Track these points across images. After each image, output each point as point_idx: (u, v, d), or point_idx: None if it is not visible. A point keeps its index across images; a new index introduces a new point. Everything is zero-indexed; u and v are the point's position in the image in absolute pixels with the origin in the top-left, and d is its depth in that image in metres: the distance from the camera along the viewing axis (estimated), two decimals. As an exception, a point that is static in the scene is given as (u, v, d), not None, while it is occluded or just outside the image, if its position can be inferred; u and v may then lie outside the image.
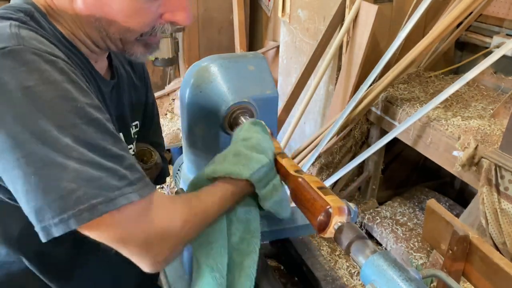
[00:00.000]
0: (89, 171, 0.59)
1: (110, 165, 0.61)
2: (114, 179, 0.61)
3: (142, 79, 1.01)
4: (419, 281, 0.54)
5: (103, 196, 0.59)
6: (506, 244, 1.80)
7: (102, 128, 0.63)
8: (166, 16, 0.74)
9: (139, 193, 0.63)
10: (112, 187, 0.60)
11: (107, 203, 0.59)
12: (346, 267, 2.50)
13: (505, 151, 1.75)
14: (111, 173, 0.61)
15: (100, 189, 0.59)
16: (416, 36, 2.41)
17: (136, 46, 0.76)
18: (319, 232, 0.68)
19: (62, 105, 0.60)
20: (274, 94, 1.06)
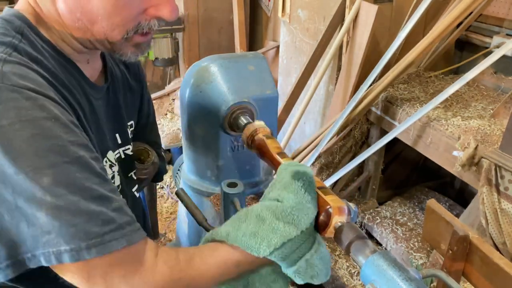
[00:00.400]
0: (62, 217, 0.56)
1: (92, 208, 0.58)
2: (96, 224, 0.57)
3: (137, 79, 1.00)
4: (419, 281, 0.54)
5: (73, 244, 0.56)
6: (506, 244, 1.80)
7: (86, 168, 0.59)
8: (150, 11, 0.70)
9: (127, 239, 0.59)
10: (90, 234, 0.57)
11: (74, 253, 0.56)
12: (346, 267, 2.50)
13: (505, 151, 1.75)
14: (93, 218, 0.58)
15: (70, 236, 0.56)
16: (416, 36, 2.41)
17: (125, 46, 0.73)
18: (319, 232, 0.68)
19: (40, 144, 0.56)
20: (274, 94, 1.06)
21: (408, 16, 2.40)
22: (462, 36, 2.68)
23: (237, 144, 1.07)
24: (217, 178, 1.10)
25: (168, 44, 3.70)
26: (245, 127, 0.93)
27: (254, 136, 0.90)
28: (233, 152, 1.08)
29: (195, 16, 3.84)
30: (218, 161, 1.08)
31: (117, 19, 0.68)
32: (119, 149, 0.91)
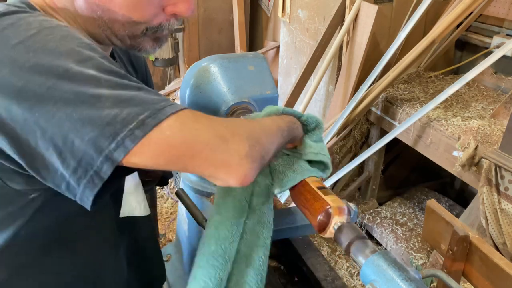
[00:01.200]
0: (124, 93, 0.58)
1: (140, 86, 0.61)
2: (151, 94, 0.60)
3: (144, 79, 1.00)
4: (419, 281, 0.54)
5: (149, 110, 0.57)
6: (506, 244, 1.80)
7: (113, 64, 0.63)
8: (169, 9, 0.73)
9: (178, 106, 0.61)
10: (154, 100, 0.59)
11: (155, 115, 0.57)
12: (346, 267, 2.50)
13: (505, 151, 1.75)
14: (145, 91, 0.60)
15: (142, 105, 0.57)
16: (416, 36, 2.41)
17: (145, 40, 0.75)
18: (319, 232, 0.68)
19: (72, 42, 0.60)
20: (274, 94, 1.06)
21: (408, 16, 2.40)
22: (462, 36, 2.68)
23: (237, 144, 1.07)
24: (217, 178, 1.10)
25: (168, 44, 3.71)
26: (245, 127, 0.93)
27: (254, 136, 0.90)
28: (233, 152, 1.08)
29: (195, 16, 3.85)
30: (218, 161, 1.07)
31: (137, 14, 0.71)
32: None
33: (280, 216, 0.97)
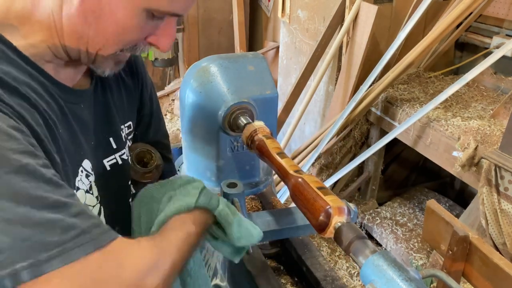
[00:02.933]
0: (13, 231, 0.51)
1: (48, 217, 0.53)
2: (54, 233, 0.52)
3: (134, 76, 0.95)
4: (419, 281, 0.54)
5: (31, 259, 0.51)
6: (506, 244, 1.80)
7: (33, 175, 0.54)
8: (151, 38, 0.72)
9: (94, 243, 0.55)
10: (48, 244, 0.52)
11: (34, 268, 0.51)
12: (346, 267, 2.49)
13: (505, 151, 1.75)
14: (49, 227, 0.53)
15: (26, 251, 0.51)
16: (416, 37, 2.42)
17: (107, 61, 0.73)
18: (319, 232, 0.68)
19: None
20: (274, 94, 1.06)
21: (408, 17, 2.40)
22: (462, 37, 2.69)
23: (236, 145, 1.07)
24: (217, 178, 1.10)
25: (168, 44, 3.70)
26: (244, 128, 0.93)
27: (253, 137, 0.90)
28: (233, 153, 1.08)
29: (195, 16, 3.85)
30: (218, 161, 1.08)
31: (125, 38, 0.69)
32: (115, 154, 0.86)
33: (280, 216, 0.97)
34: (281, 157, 0.82)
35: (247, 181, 1.12)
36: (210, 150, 1.07)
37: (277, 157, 0.82)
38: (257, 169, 1.14)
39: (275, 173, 0.86)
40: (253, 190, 1.14)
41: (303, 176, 0.74)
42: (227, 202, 0.81)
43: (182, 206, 0.74)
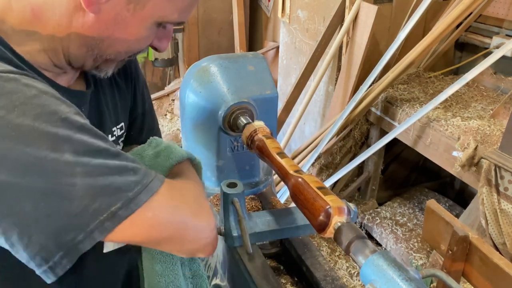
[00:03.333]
0: (99, 180, 0.57)
1: (118, 163, 0.60)
2: (129, 174, 0.60)
3: (127, 76, 0.95)
4: (418, 280, 0.54)
5: (122, 199, 0.57)
6: (505, 244, 1.80)
7: (93, 132, 0.60)
8: (154, 42, 0.75)
9: (159, 178, 0.63)
10: (131, 184, 0.59)
11: (128, 205, 0.58)
12: (346, 267, 2.49)
13: (504, 151, 1.75)
14: (124, 171, 0.60)
15: (116, 193, 0.57)
16: (416, 37, 2.42)
17: (111, 65, 0.75)
18: (318, 232, 0.68)
19: (46, 123, 0.56)
20: (274, 94, 1.06)
21: (408, 17, 2.40)
22: (462, 37, 2.69)
23: (236, 145, 1.07)
24: (217, 178, 1.10)
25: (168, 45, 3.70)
26: (244, 127, 0.93)
27: (253, 137, 0.90)
28: (233, 153, 1.08)
29: (195, 16, 3.85)
30: (218, 161, 1.08)
31: (133, 48, 0.72)
32: None
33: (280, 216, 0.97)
34: (281, 157, 0.82)
35: (247, 181, 1.12)
36: (210, 150, 1.07)
37: (277, 157, 0.82)
38: (257, 169, 1.14)
39: (275, 173, 0.86)
40: (253, 190, 1.14)
41: (303, 176, 0.74)
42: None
43: (179, 157, 0.82)
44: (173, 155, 0.82)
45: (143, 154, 0.84)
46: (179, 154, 0.82)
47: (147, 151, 0.85)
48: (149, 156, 0.83)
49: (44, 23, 0.65)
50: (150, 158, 0.83)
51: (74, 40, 0.68)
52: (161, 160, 0.82)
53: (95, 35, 0.67)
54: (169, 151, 0.83)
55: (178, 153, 0.83)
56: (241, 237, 0.89)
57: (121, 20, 0.66)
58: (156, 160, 0.82)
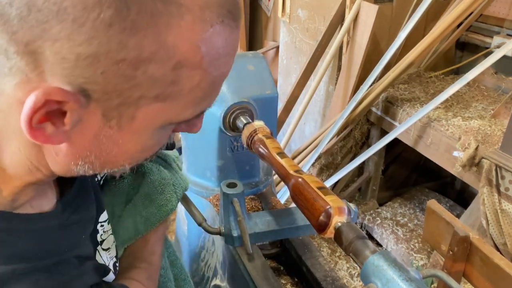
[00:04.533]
0: None
1: None
2: None
3: None
4: (419, 281, 0.54)
5: None
6: (506, 244, 1.79)
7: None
8: (181, 128, 0.58)
9: None
10: None
11: None
12: (346, 268, 2.49)
13: (505, 151, 1.75)
14: None
15: None
16: (417, 36, 2.41)
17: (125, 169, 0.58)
18: (319, 232, 0.68)
19: None
20: (274, 94, 1.06)
21: (408, 16, 2.40)
22: (463, 36, 2.68)
23: (236, 145, 1.07)
24: (216, 179, 1.10)
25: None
26: (244, 127, 0.93)
27: (253, 136, 0.89)
28: (233, 153, 1.08)
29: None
30: (218, 161, 1.07)
31: (143, 156, 0.56)
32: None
33: (280, 216, 0.96)
34: (281, 157, 0.82)
35: (247, 181, 1.12)
36: (210, 150, 1.06)
37: (277, 157, 0.82)
38: (257, 169, 1.14)
39: (275, 173, 0.85)
40: (253, 190, 1.14)
41: (303, 176, 0.74)
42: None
43: (164, 215, 0.79)
44: (164, 208, 0.80)
45: (130, 192, 0.80)
46: (170, 207, 0.81)
47: (138, 186, 0.81)
48: (137, 198, 0.80)
49: (10, 161, 0.51)
50: (136, 202, 0.79)
51: (58, 172, 0.53)
52: (149, 211, 0.79)
53: (78, 161, 0.51)
54: (162, 198, 0.80)
55: (170, 205, 0.81)
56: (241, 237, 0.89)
57: (107, 139, 0.49)
58: (141, 208, 0.79)
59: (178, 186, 0.85)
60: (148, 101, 0.46)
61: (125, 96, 0.45)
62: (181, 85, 0.46)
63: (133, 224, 0.77)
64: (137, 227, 0.77)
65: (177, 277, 0.93)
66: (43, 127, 0.44)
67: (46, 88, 0.42)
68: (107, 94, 0.44)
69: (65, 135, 0.46)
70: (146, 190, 0.80)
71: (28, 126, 0.43)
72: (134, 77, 0.43)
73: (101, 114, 0.46)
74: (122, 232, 0.77)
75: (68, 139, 0.47)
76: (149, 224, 0.78)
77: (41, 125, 0.44)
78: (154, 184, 0.81)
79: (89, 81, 0.42)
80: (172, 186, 0.83)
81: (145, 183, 0.81)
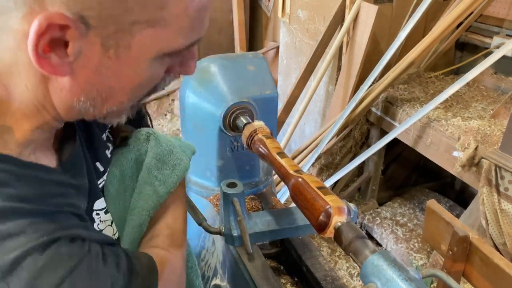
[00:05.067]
0: None
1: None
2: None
3: None
4: (419, 280, 0.54)
5: None
6: (506, 244, 1.80)
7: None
8: (175, 69, 0.61)
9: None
10: None
11: None
12: (346, 268, 2.49)
13: (505, 151, 1.75)
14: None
15: None
16: (416, 37, 2.41)
17: (121, 114, 0.63)
18: (319, 232, 0.68)
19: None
20: (274, 94, 1.06)
21: (408, 16, 2.40)
22: (462, 37, 2.68)
23: (236, 145, 1.07)
24: (216, 178, 1.10)
25: (168, 44, 3.71)
26: (244, 127, 0.93)
27: (253, 136, 0.90)
28: (233, 153, 1.08)
29: (195, 16, 3.84)
30: (218, 161, 1.08)
31: (140, 93, 0.60)
32: (103, 176, 0.78)
33: (280, 216, 0.97)
34: (281, 157, 0.82)
35: (247, 181, 1.12)
36: (210, 150, 1.07)
37: (277, 157, 0.82)
38: (257, 169, 1.14)
39: (275, 173, 0.86)
40: (253, 190, 1.14)
41: (303, 176, 0.74)
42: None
43: (183, 169, 0.78)
44: (178, 167, 0.78)
45: (139, 159, 0.78)
46: (183, 165, 0.79)
47: (145, 152, 0.78)
48: (149, 163, 0.77)
49: (20, 99, 0.55)
50: (149, 166, 0.77)
51: (63, 111, 0.57)
52: (164, 172, 0.77)
53: (81, 96, 0.55)
54: (173, 157, 0.78)
55: (183, 163, 0.79)
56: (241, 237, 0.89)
57: (106, 70, 0.53)
58: (156, 172, 0.77)
59: (184, 147, 0.82)
60: (140, 27, 0.51)
61: (119, 23, 0.50)
62: (169, 10, 0.51)
63: (153, 191, 0.76)
64: (157, 192, 0.76)
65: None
66: (48, 57, 0.49)
67: (48, 13, 0.47)
68: (103, 21, 0.49)
69: (68, 66, 0.51)
70: (155, 152, 0.78)
71: (34, 54, 0.48)
72: (126, 1, 0.48)
73: (100, 44, 0.51)
74: (144, 201, 0.75)
75: (72, 72, 0.52)
76: (168, 186, 0.76)
77: (46, 55, 0.49)
78: (161, 146, 0.79)
79: (86, 7, 0.47)
80: (178, 147, 0.81)
81: (152, 147, 0.79)
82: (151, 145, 0.79)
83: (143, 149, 0.79)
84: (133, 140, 0.79)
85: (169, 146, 0.80)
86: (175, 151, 0.80)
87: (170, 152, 0.79)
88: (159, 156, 0.78)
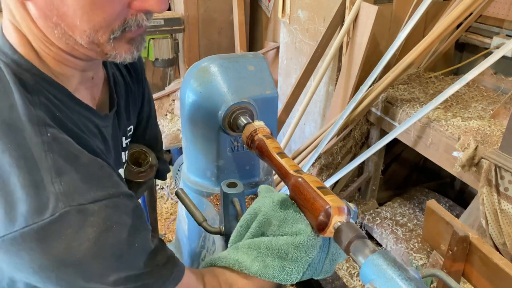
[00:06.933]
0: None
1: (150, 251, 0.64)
2: (156, 275, 0.64)
3: (139, 81, 0.96)
4: (418, 280, 0.54)
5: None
6: (506, 244, 1.80)
7: (143, 244, 0.64)
8: (136, 4, 0.62)
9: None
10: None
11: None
12: (346, 267, 2.49)
13: (505, 151, 1.75)
14: (150, 272, 0.64)
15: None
16: (416, 37, 2.42)
17: (117, 46, 0.65)
18: (319, 232, 0.68)
19: (99, 265, 0.59)
20: (274, 94, 1.06)
21: (408, 17, 2.40)
22: (462, 37, 2.68)
23: (237, 144, 1.07)
24: (217, 178, 1.10)
25: (168, 44, 3.71)
26: (244, 127, 0.93)
27: (253, 136, 0.90)
28: (233, 152, 1.08)
29: (195, 16, 3.85)
30: (218, 161, 1.08)
31: (97, 17, 0.60)
32: (123, 167, 0.88)
33: (280, 216, 0.96)
34: (281, 157, 0.82)
35: (247, 181, 1.12)
36: (210, 150, 1.07)
37: (277, 157, 0.82)
38: (257, 169, 1.14)
39: (275, 173, 0.86)
40: (253, 190, 1.14)
41: (303, 175, 0.74)
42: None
43: (280, 280, 0.72)
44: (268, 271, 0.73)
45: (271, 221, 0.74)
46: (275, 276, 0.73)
47: (277, 217, 0.74)
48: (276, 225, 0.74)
49: (32, 23, 0.64)
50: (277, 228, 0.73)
51: (48, 35, 0.64)
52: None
53: (50, 23, 0.61)
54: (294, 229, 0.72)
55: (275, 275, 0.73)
56: (241, 237, 0.89)
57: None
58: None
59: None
60: None
61: None
62: None
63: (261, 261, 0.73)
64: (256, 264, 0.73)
65: None
66: None
67: None
68: None
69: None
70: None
71: None
72: None
73: None
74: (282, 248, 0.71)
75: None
76: (264, 274, 0.72)
77: None
78: None
79: None
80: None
81: None
82: None
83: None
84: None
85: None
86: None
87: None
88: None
